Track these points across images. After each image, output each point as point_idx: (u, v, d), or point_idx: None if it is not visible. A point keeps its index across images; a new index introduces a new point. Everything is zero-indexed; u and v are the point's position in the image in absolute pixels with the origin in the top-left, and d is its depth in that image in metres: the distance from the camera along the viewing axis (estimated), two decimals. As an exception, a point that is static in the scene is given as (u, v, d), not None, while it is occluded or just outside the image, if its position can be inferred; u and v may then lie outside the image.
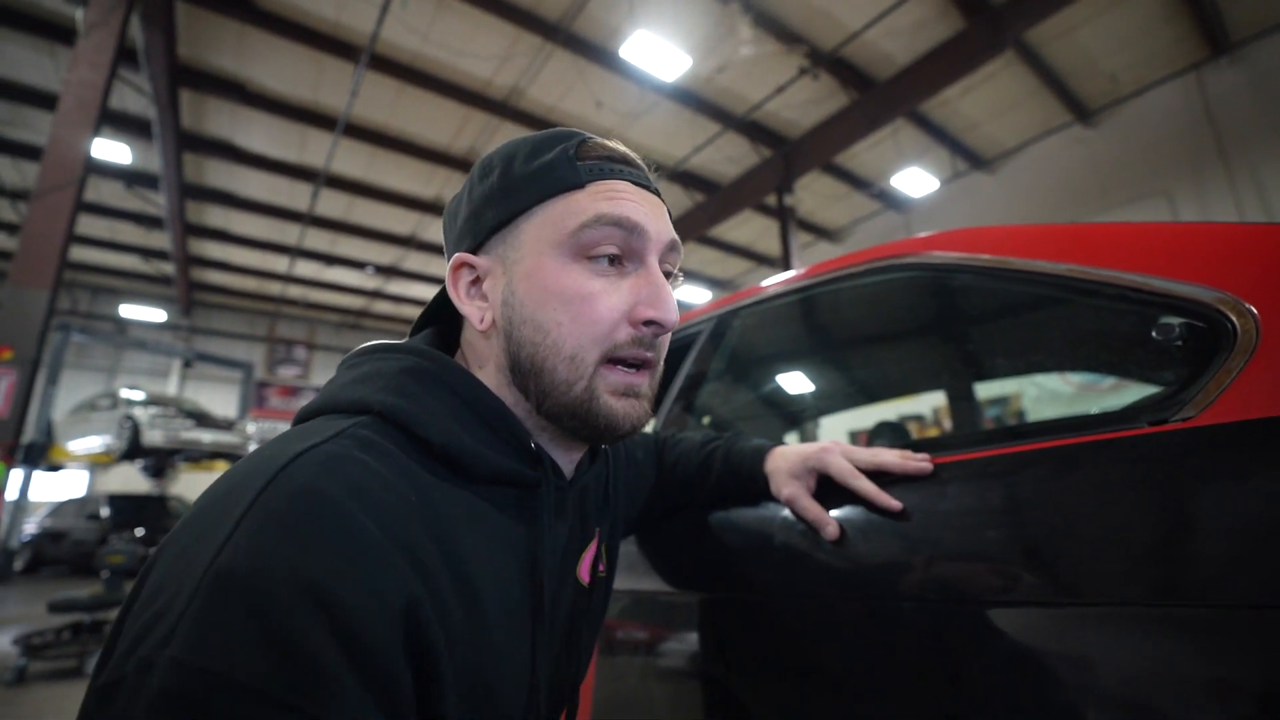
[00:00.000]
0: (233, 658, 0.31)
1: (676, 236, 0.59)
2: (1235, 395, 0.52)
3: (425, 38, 7.13)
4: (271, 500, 0.37)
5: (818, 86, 7.92)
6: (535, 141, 0.57)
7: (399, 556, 0.39)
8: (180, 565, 0.36)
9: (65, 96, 5.36)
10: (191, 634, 0.32)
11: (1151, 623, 0.46)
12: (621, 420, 0.54)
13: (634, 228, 0.53)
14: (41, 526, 9.80)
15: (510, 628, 0.49)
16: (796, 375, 1.55)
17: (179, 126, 8.38)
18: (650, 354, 0.55)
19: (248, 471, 0.40)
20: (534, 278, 0.53)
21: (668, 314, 0.54)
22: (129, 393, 9.29)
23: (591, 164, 0.55)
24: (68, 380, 11.11)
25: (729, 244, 12.30)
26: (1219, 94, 7.76)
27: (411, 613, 0.38)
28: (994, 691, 0.53)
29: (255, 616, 0.32)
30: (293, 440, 0.43)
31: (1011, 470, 0.61)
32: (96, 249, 12.63)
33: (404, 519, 0.41)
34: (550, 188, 0.54)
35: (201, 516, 0.39)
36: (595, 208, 0.53)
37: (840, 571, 0.68)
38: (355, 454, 0.42)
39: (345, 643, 0.34)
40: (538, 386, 0.53)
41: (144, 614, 0.35)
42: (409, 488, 0.43)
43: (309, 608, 0.33)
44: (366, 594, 0.36)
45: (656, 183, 0.61)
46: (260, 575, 0.34)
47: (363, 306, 16.28)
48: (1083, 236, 0.74)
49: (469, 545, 0.46)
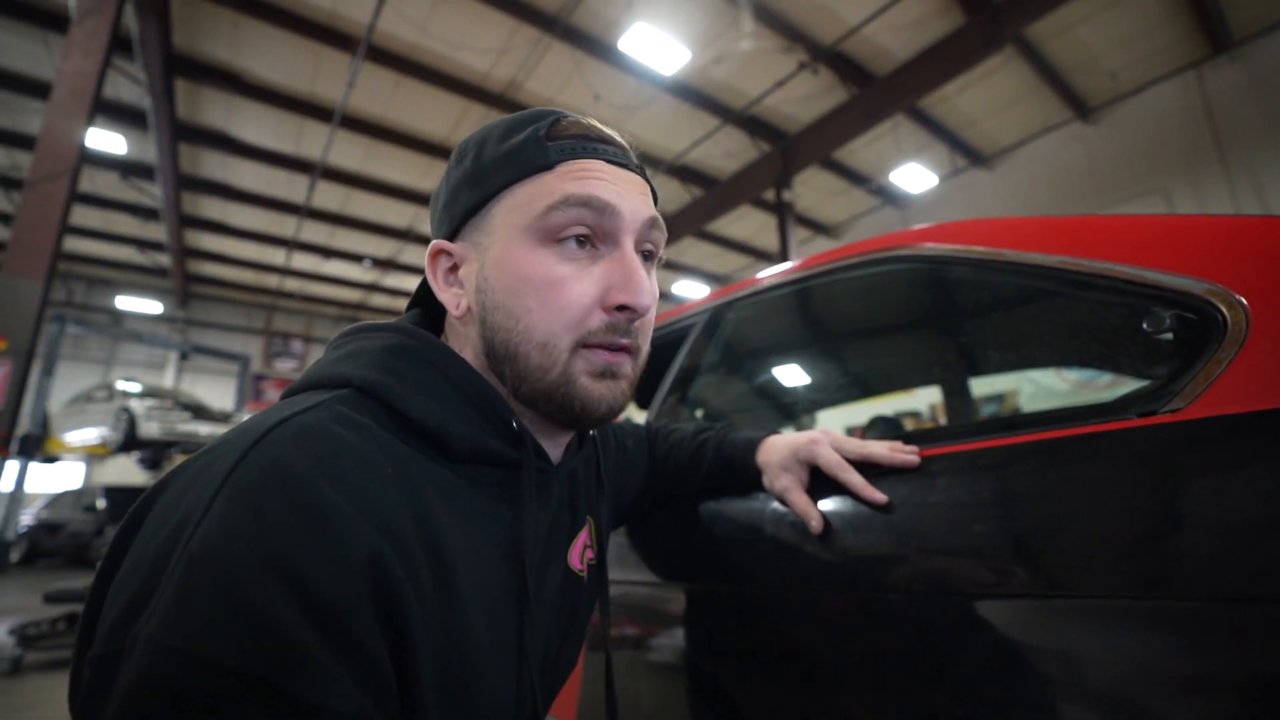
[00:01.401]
0: (209, 637, 0.32)
1: (656, 214, 0.57)
2: (1224, 387, 0.52)
3: (423, 29, 7.09)
4: (242, 476, 0.37)
5: (817, 81, 7.89)
6: (509, 123, 0.56)
7: (364, 523, 0.38)
8: (158, 543, 0.36)
9: (59, 85, 5.32)
10: (168, 615, 0.33)
11: (1139, 615, 0.46)
12: (598, 402, 0.53)
13: (604, 207, 0.52)
14: (38, 518, 9.80)
15: (492, 611, 0.48)
16: (791, 368, 1.55)
17: (174, 117, 8.33)
18: (627, 340, 0.54)
19: (226, 443, 0.41)
20: (504, 263, 0.52)
21: (640, 298, 0.52)
22: (125, 384, 9.26)
23: (564, 144, 0.54)
24: (64, 372, 11.05)
25: (727, 239, 12.27)
26: (1218, 92, 7.76)
27: (375, 569, 0.38)
28: (979, 684, 0.53)
29: (224, 595, 0.33)
30: (271, 414, 0.43)
31: (1000, 463, 0.61)
32: (92, 240, 12.57)
33: (376, 491, 0.41)
34: (518, 170, 0.53)
35: (179, 492, 0.39)
36: (563, 188, 0.51)
37: (828, 563, 0.68)
38: (329, 426, 0.42)
39: (310, 611, 0.34)
40: (513, 372, 0.53)
41: (127, 587, 0.36)
42: (384, 460, 0.43)
43: (272, 581, 0.34)
44: (326, 559, 0.36)
45: (638, 162, 0.59)
46: (228, 556, 0.34)
47: (360, 300, 16.23)
48: (1076, 229, 0.74)
49: (445, 522, 0.45)
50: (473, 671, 0.45)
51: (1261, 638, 0.41)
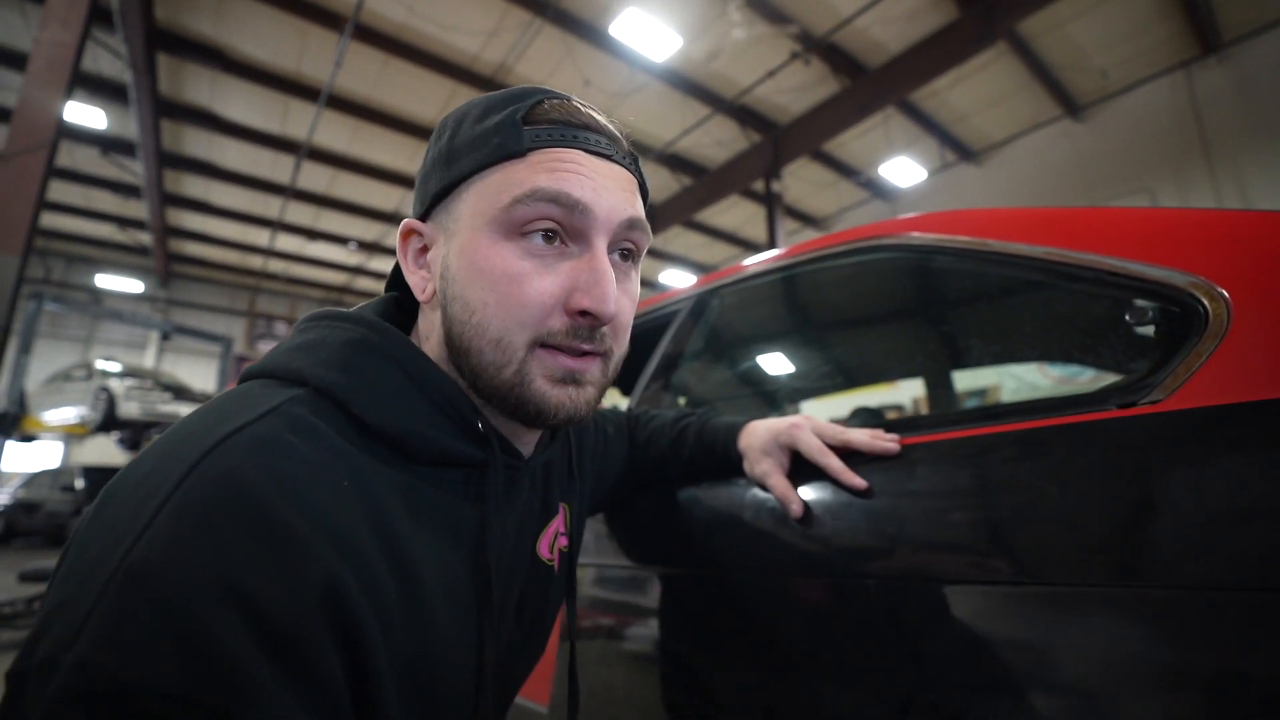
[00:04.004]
0: (142, 659, 0.30)
1: (637, 213, 0.52)
2: (1203, 379, 0.52)
3: (412, 9, 6.98)
4: (192, 489, 0.35)
5: (809, 72, 7.87)
6: (489, 101, 0.53)
7: (321, 543, 0.37)
8: (95, 551, 0.34)
9: (36, 56, 5.18)
10: (99, 634, 0.31)
11: (1115, 603, 0.47)
12: (554, 408, 0.50)
13: (574, 205, 0.48)
14: (15, 497, 9.71)
15: (456, 609, 0.47)
16: (775, 357, 1.55)
17: (156, 92, 8.16)
18: (589, 346, 0.50)
19: (175, 447, 0.39)
20: (465, 253, 0.49)
21: (603, 305, 0.48)
22: (105, 364, 9.13)
23: (541, 129, 0.50)
24: (42, 350, 10.87)
25: (715, 229, 12.26)
26: (1206, 92, 7.83)
27: (332, 594, 0.36)
28: (955, 669, 0.53)
29: (166, 615, 0.31)
30: (224, 414, 0.41)
31: (979, 452, 0.61)
32: (71, 217, 12.33)
33: (332, 505, 0.39)
34: (489, 156, 0.49)
35: (123, 496, 0.37)
36: (532, 180, 0.48)
37: (807, 549, 0.68)
38: (284, 436, 0.40)
39: (261, 635, 0.33)
40: (469, 366, 0.50)
41: (54, 597, 0.34)
42: (341, 471, 0.41)
43: (223, 604, 0.32)
44: (279, 582, 0.34)
45: (629, 151, 0.55)
46: (173, 572, 0.32)
47: (345, 283, 16.07)
48: (1062, 220, 0.74)
49: (408, 530, 0.44)
50: (435, 671, 0.44)
51: (1236, 626, 0.42)
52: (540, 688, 0.92)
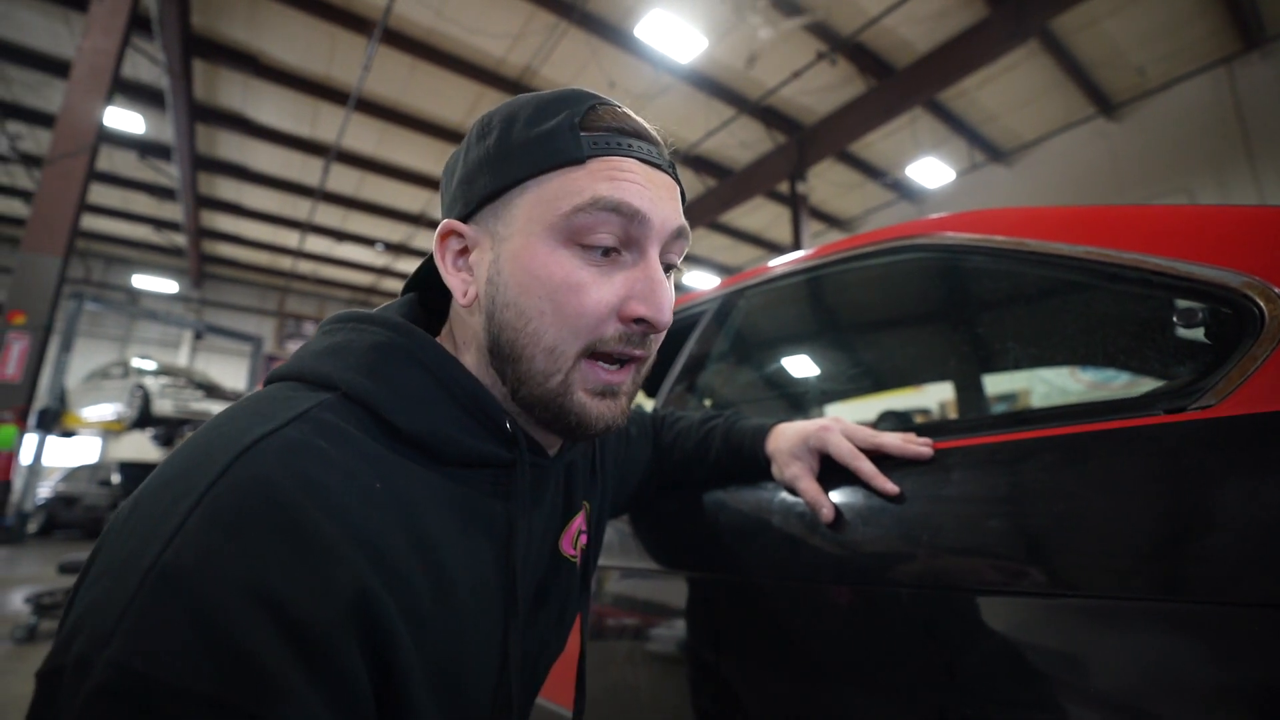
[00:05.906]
0: (174, 662, 0.30)
1: (684, 223, 0.53)
2: (1259, 384, 0.50)
3: (439, 13, 7.06)
4: (224, 493, 0.35)
5: (835, 72, 7.80)
6: (540, 102, 0.52)
7: (353, 550, 0.37)
8: (127, 552, 0.34)
9: (78, 63, 5.36)
10: (132, 635, 0.31)
11: (1161, 619, 0.45)
12: (595, 420, 0.51)
13: (634, 214, 0.48)
14: (55, 491, 9.97)
15: (482, 605, 0.47)
16: (802, 359, 1.53)
17: (192, 97, 8.37)
18: (640, 352, 0.52)
19: (206, 450, 0.38)
20: (521, 259, 0.49)
21: (660, 314, 0.49)
22: (140, 362, 9.39)
23: (597, 136, 0.49)
24: (82, 348, 11.21)
25: (739, 231, 12.20)
26: (1249, 89, 7.59)
27: (363, 604, 0.36)
28: (990, 683, 0.51)
29: (198, 619, 0.31)
30: (254, 418, 0.41)
31: (1018, 457, 0.59)
32: (110, 219, 12.71)
33: (364, 510, 0.39)
34: (547, 160, 0.48)
35: (154, 497, 0.37)
36: (594, 189, 0.48)
37: (838, 555, 0.66)
38: (315, 441, 0.40)
39: (291, 640, 0.33)
40: (514, 373, 0.50)
41: (86, 597, 0.34)
42: (373, 475, 0.41)
43: (253, 608, 0.32)
44: (310, 588, 0.34)
45: (669, 159, 0.55)
46: (204, 576, 0.32)
47: (372, 284, 16.31)
48: (1102, 219, 0.71)
49: (439, 530, 0.44)
50: (461, 671, 0.44)
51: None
52: (562, 688, 0.91)
